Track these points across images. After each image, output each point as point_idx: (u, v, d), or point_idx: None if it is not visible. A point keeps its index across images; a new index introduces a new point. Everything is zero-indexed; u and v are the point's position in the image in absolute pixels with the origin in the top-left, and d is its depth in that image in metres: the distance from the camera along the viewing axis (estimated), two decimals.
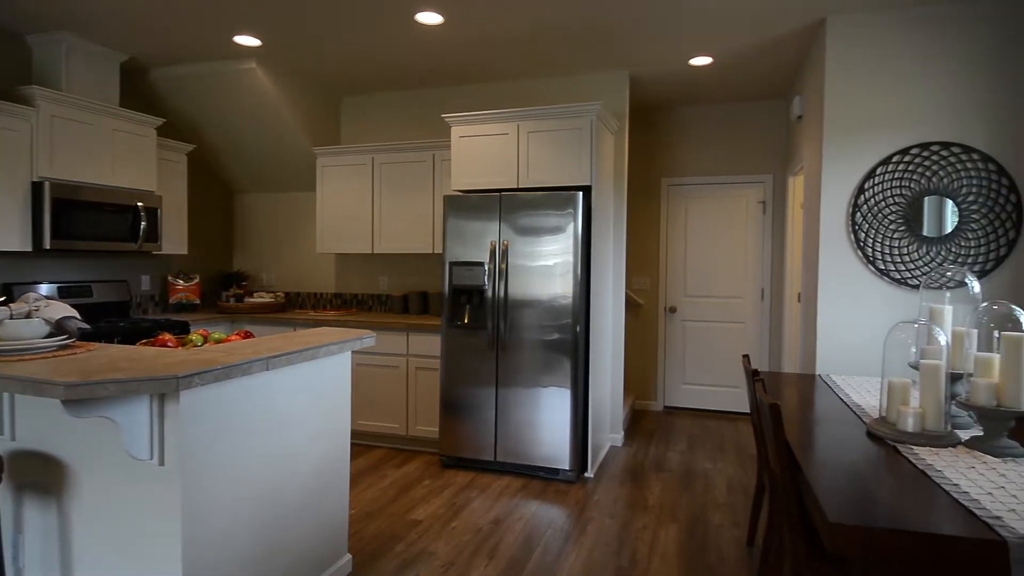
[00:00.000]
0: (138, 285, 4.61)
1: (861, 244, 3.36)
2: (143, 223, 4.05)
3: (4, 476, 2.03)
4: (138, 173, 4.10)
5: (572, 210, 3.62)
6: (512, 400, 3.76)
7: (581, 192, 3.64)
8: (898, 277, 3.31)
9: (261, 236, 5.43)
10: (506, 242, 3.76)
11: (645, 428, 4.93)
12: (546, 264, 3.68)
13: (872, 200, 3.34)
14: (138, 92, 4.63)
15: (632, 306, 5.52)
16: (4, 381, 1.63)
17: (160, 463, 1.79)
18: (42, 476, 1.99)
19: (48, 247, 3.53)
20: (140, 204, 4.05)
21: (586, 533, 3.01)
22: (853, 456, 1.77)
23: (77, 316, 2.17)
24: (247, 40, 3.85)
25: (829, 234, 3.44)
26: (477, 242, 3.82)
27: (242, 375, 1.92)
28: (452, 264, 3.88)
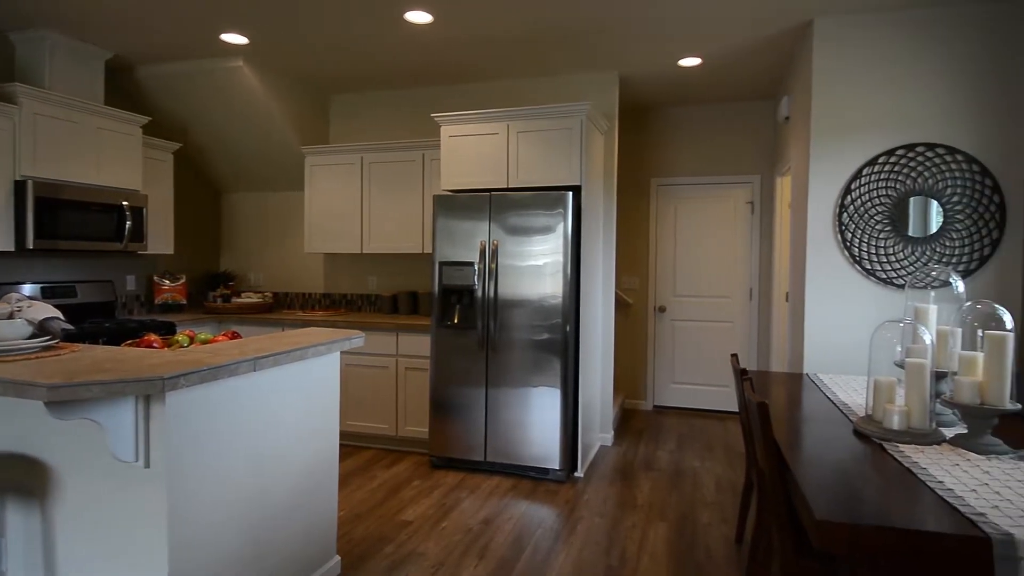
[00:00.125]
0: (123, 285, 4.56)
1: (848, 244, 3.39)
2: (128, 222, 4.00)
3: None
4: (123, 172, 4.06)
5: (562, 210, 3.63)
6: (502, 400, 3.76)
7: (571, 192, 3.64)
8: (884, 277, 3.35)
9: (249, 236, 5.39)
10: (496, 242, 3.76)
11: (635, 427, 4.95)
12: (536, 264, 3.68)
13: (858, 200, 3.37)
14: (124, 90, 4.58)
15: (622, 306, 5.53)
16: None
17: (146, 465, 1.77)
18: (25, 479, 1.96)
19: (31, 247, 3.49)
20: (125, 203, 4.01)
21: (576, 532, 3.02)
22: (840, 454, 1.79)
23: (61, 317, 2.14)
24: (234, 38, 3.82)
25: (816, 234, 3.47)
26: (467, 242, 3.82)
27: (229, 376, 1.90)
28: (442, 264, 3.87)
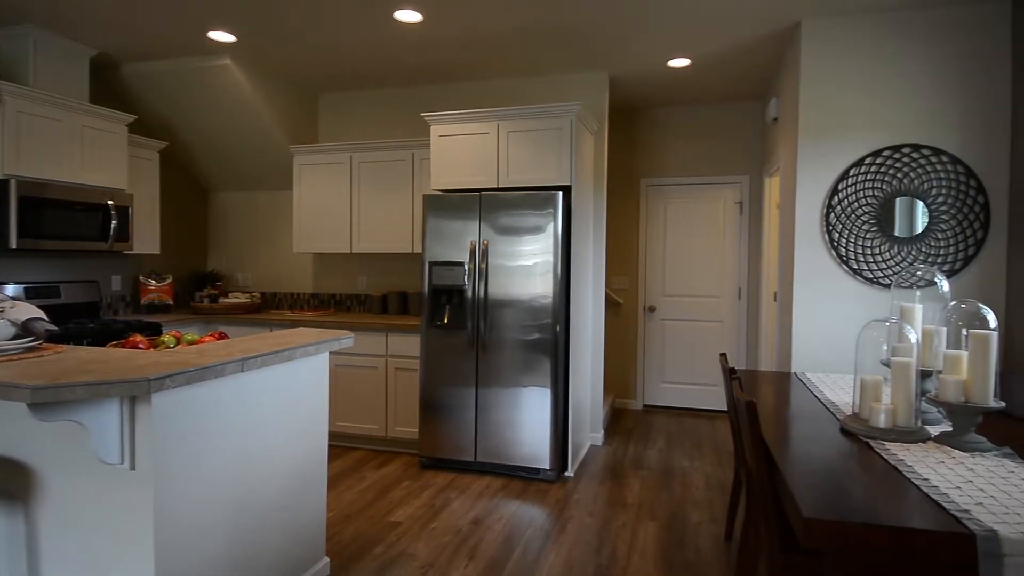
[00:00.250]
0: (108, 286, 4.51)
1: (835, 244, 3.41)
2: (114, 222, 3.96)
3: None
4: (108, 171, 4.01)
5: (552, 210, 3.63)
6: (492, 400, 3.75)
7: (561, 192, 3.65)
8: (870, 276, 3.38)
9: (236, 235, 5.34)
10: (486, 242, 3.75)
11: (624, 427, 4.96)
12: (526, 264, 3.68)
13: (846, 201, 3.40)
14: (109, 88, 4.52)
15: (612, 305, 5.55)
16: None
17: (131, 467, 1.75)
18: (8, 481, 1.93)
19: (14, 246, 3.44)
20: (111, 202, 3.96)
21: (566, 532, 3.02)
22: (827, 452, 1.80)
23: (44, 317, 2.11)
24: (222, 36, 3.79)
25: (804, 234, 3.49)
26: (457, 242, 3.81)
27: (216, 377, 1.88)
28: (432, 264, 3.86)
